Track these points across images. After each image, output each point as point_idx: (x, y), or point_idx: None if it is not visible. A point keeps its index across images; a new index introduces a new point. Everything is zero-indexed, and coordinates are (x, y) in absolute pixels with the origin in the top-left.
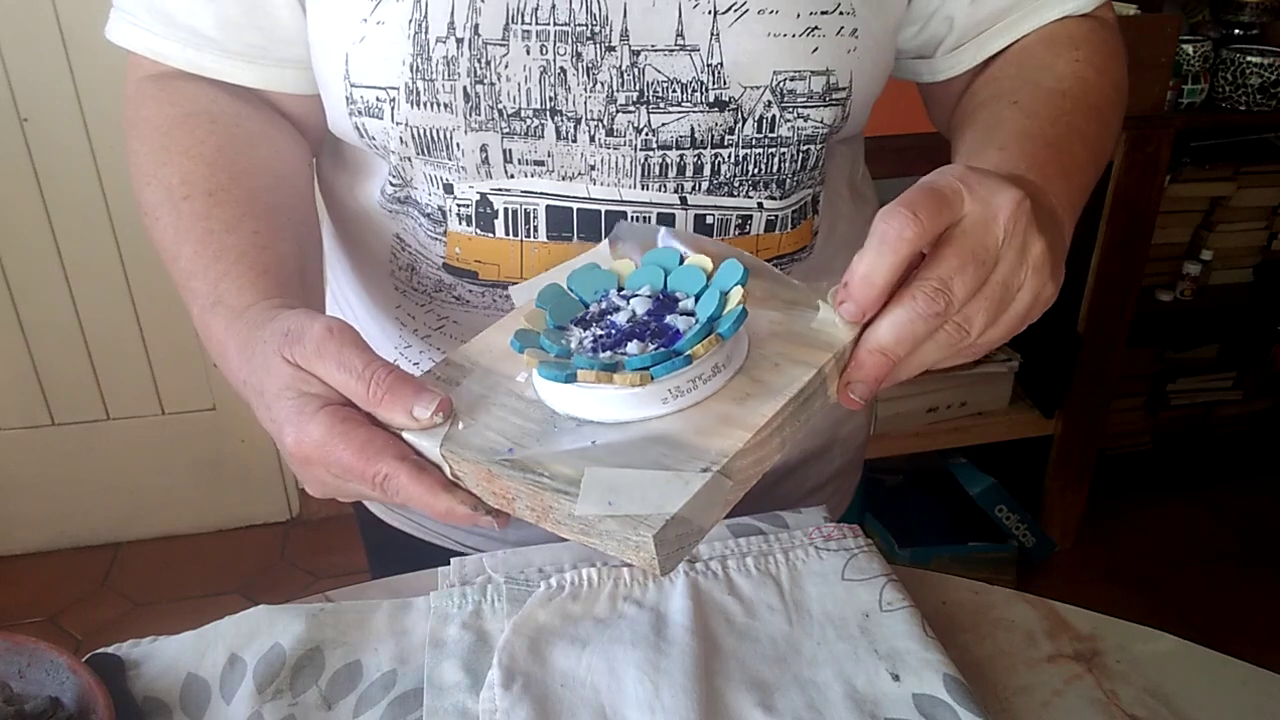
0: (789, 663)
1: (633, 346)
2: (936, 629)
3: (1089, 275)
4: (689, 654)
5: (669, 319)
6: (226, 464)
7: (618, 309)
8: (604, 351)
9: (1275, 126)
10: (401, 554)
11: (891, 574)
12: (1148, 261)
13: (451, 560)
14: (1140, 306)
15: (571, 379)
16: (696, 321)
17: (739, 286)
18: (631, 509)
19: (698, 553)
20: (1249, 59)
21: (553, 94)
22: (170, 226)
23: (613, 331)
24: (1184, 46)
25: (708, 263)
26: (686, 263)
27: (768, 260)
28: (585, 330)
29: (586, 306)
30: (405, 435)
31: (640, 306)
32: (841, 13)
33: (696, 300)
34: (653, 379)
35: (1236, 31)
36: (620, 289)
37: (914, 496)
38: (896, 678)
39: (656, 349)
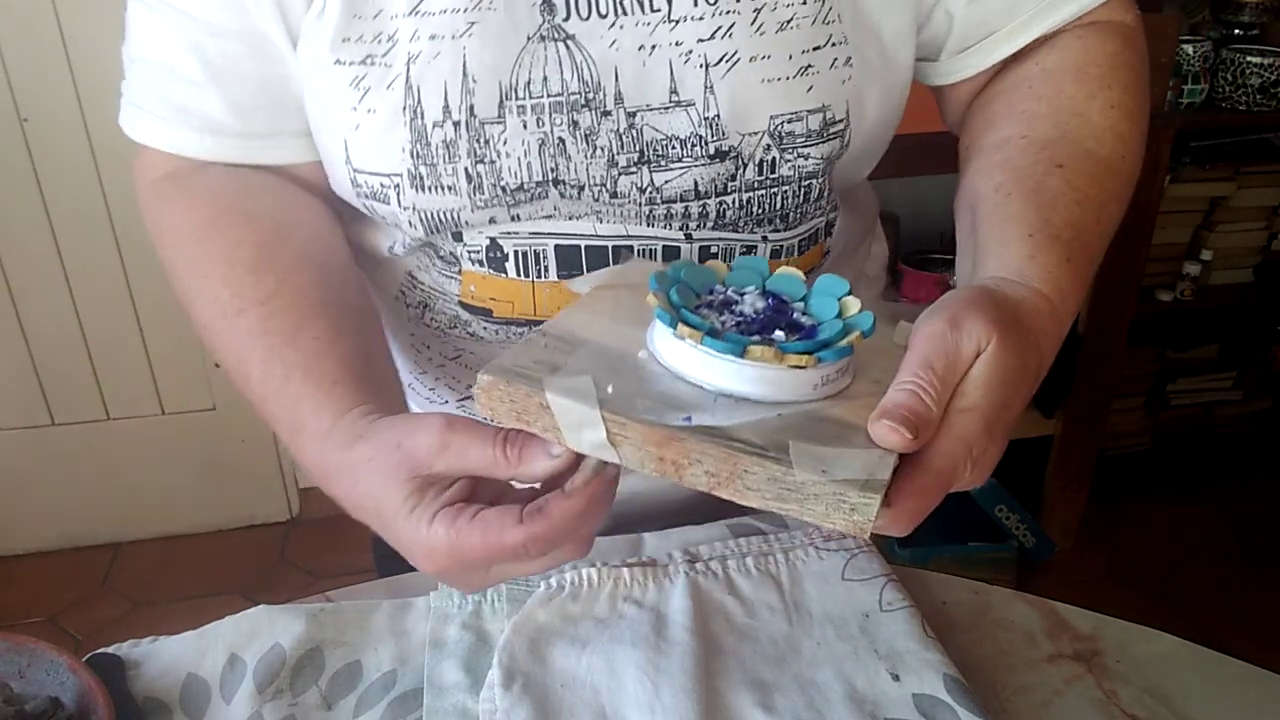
0: (789, 663)
1: (779, 334)
2: (936, 629)
3: None
4: (689, 654)
5: (794, 316)
6: (226, 464)
7: (737, 301)
8: (750, 335)
9: (1275, 126)
10: None
11: (891, 574)
12: (1148, 261)
13: None
14: (1140, 306)
15: (741, 354)
16: (818, 322)
17: (851, 296)
18: (846, 475)
19: (698, 552)
20: (1249, 59)
21: (554, 164)
22: (229, 345)
23: (748, 317)
24: (1184, 46)
25: (799, 272)
26: (778, 271)
27: None
28: (719, 314)
29: (698, 296)
30: (556, 401)
31: (758, 302)
32: (834, 44)
33: (805, 302)
34: (819, 362)
35: (1236, 31)
36: (723, 285)
37: None
38: (896, 678)
39: (799, 339)
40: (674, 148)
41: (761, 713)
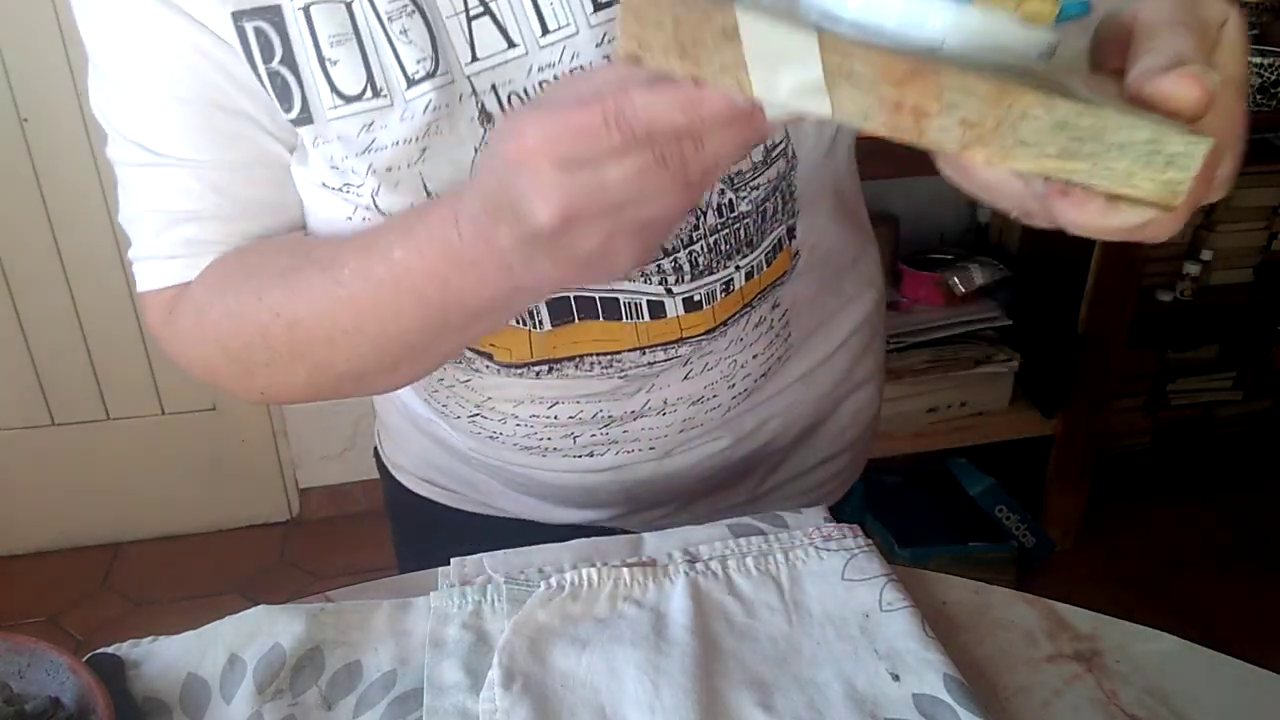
0: (789, 663)
1: None
2: (936, 629)
3: (1089, 275)
4: (689, 654)
5: None
6: (226, 464)
7: None
8: None
9: (1275, 126)
10: (428, 523)
11: (891, 574)
12: (1148, 261)
13: (451, 560)
14: (1140, 306)
15: None
16: None
17: None
18: (1163, 121)
19: (698, 552)
20: (1249, 59)
21: None
22: (332, 297)
23: None
24: None
25: None
26: None
27: (753, 297)
28: None
29: None
30: (750, 24)
31: None
32: None
33: None
34: (1059, 18)
35: None
36: None
37: (914, 496)
38: (896, 678)
39: None
40: None
41: (761, 713)
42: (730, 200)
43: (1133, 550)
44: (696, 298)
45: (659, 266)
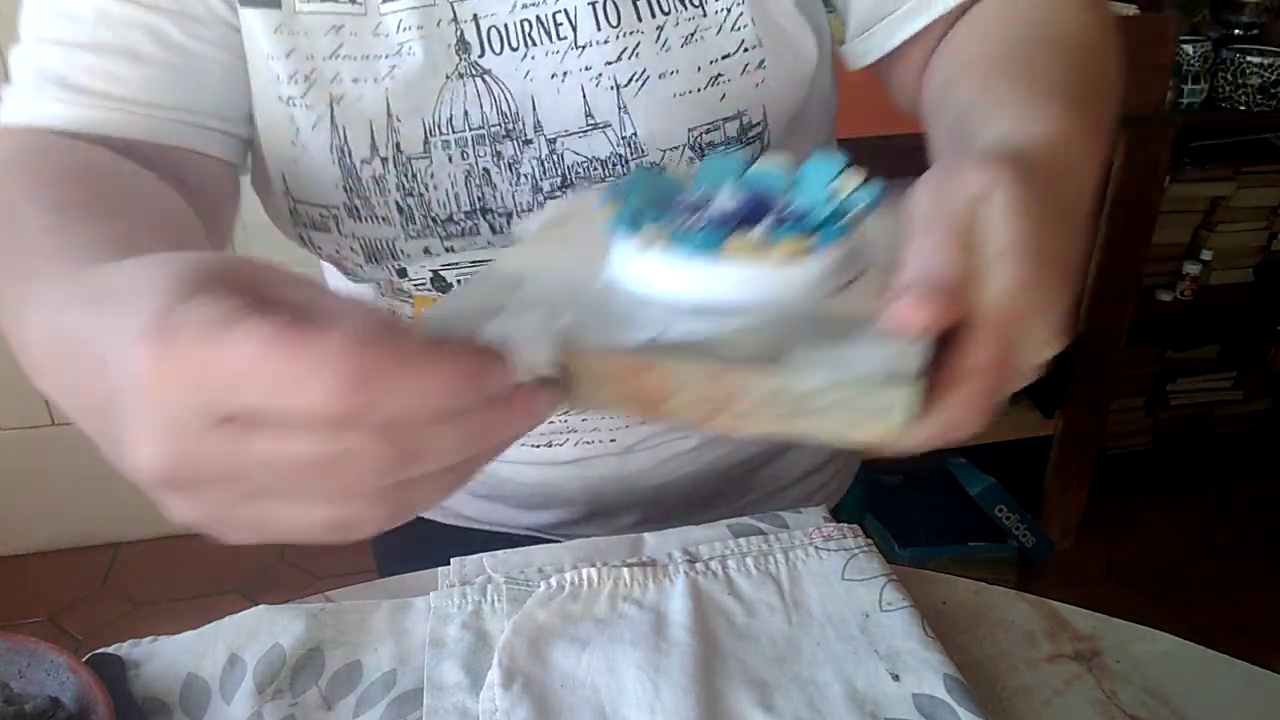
0: (789, 663)
1: (759, 228)
2: (936, 629)
3: (1089, 275)
4: (689, 654)
5: (778, 209)
6: None
7: (707, 201)
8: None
9: (1275, 126)
10: (401, 536)
11: (891, 574)
12: (1148, 261)
13: (451, 560)
14: (1140, 306)
15: (718, 252)
16: (807, 209)
17: (850, 171)
18: (867, 369)
19: (698, 552)
20: (1249, 59)
21: (480, 194)
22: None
23: (722, 216)
24: (1184, 46)
25: (783, 160)
26: (756, 165)
27: None
28: (687, 220)
29: (657, 206)
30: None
31: (730, 198)
32: (745, 49)
33: (790, 194)
34: (813, 250)
35: (1236, 31)
36: (690, 192)
37: (914, 496)
38: (896, 678)
39: (786, 228)
40: (596, 169)
41: (761, 713)
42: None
43: (1133, 550)
44: None
45: None
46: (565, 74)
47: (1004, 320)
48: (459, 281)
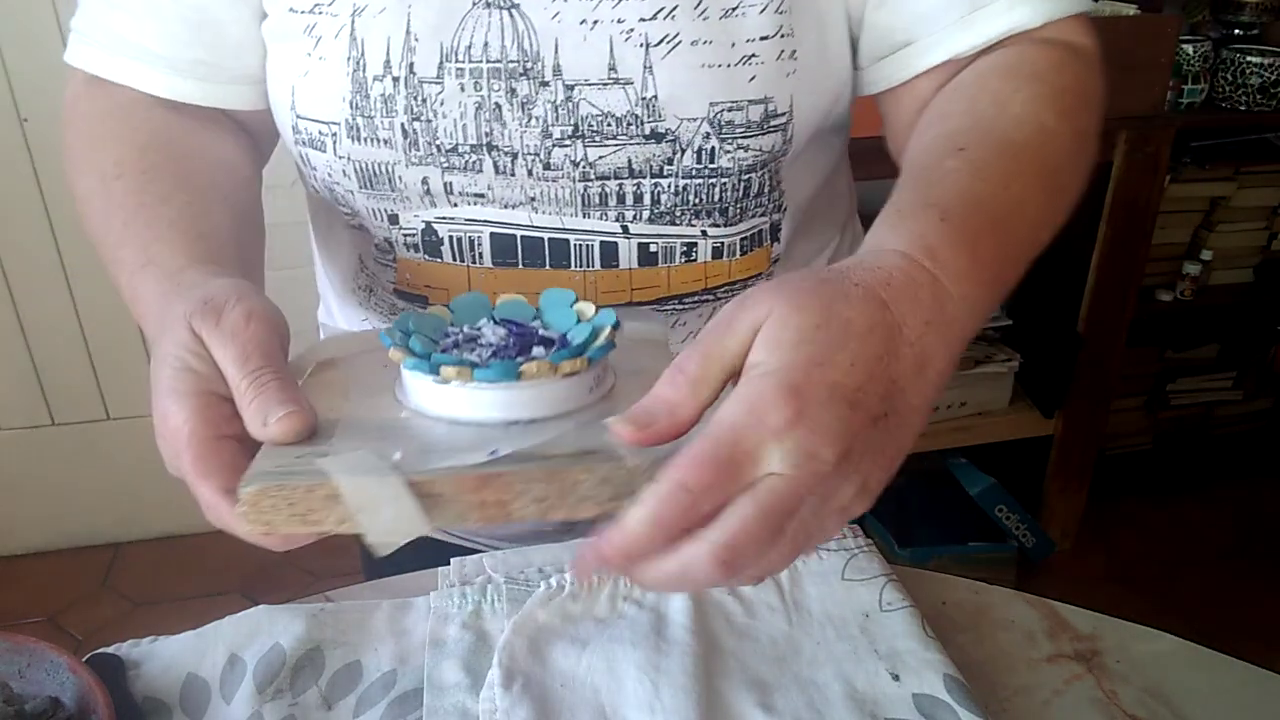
0: (789, 663)
1: (539, 350)
2: (936, 629)
3: (1089, 275)
4: (689, 654)
5: (539, 334)
6: None
7: (477, 335)
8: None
9: (1275, 126)
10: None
11: (891, 574)
12: (1148, 261)
13: (451, 560)
14: (1140, 306)
15: (517, 377)
16: (564, 332)
17: (583, 302)
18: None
19: None
20: (1249, 59)
21: (488, 129)
22: (101, 209)
23: (497, 347)
24: (1184, 46)
25: (520, 296)
26: (500, 300)
27: (719, 285)
28: (467, 352)
29: (435, 342)
30: (347, 483)
31: (496, 331)
32: (782, 35)
33: (540, 321)
34: (590, 364)
35: (1236, 31)
36: (454, 326)
37: (914, 496)
38: (896, 678)
39: (557, 351)
40: (609, 124)
41: (761, 713)
42: (713, 148)
43: (1133, 550)
44: (653, 248)
45: (619, 193)
46: (595, 22)
47: (735, 423)
48: (450, 238)
